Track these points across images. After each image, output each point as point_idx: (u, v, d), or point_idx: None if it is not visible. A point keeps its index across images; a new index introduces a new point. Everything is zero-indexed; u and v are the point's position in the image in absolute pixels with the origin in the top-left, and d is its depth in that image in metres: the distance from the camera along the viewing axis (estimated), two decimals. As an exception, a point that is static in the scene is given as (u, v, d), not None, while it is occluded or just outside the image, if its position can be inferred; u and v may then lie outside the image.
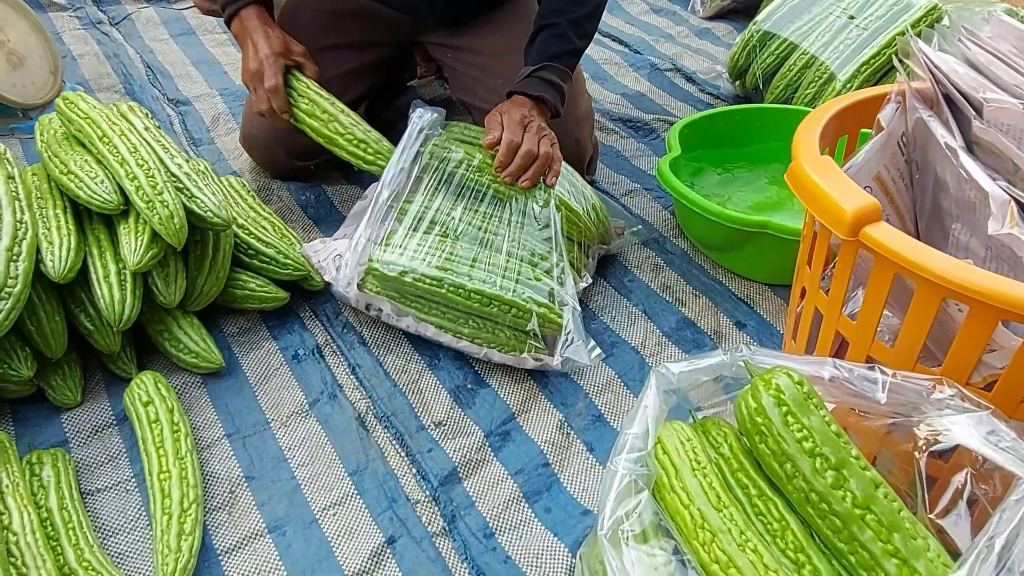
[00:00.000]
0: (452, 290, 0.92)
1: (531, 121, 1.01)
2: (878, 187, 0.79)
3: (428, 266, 0.92)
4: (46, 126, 1.02)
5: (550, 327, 0.94)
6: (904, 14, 1.40)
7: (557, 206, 1.00)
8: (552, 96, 1.05)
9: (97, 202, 0.89)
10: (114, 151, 0.91)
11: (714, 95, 1.65)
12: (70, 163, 0.92)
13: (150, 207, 0.87)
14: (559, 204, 1.01)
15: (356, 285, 0.95)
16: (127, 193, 0.89)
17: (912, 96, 0.78)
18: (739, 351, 0.59)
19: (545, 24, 1.08)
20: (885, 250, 0.61)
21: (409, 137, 0.99)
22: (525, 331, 0.93)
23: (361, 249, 0.94)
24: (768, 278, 1.14)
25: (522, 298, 0.93)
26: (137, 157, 0.91)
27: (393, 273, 0.92)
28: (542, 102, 1.05)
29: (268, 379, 0.97)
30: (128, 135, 0.93)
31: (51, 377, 0.91)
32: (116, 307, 0.87)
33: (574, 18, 1.07)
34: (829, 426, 0.53)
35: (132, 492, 0.84)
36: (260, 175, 1.30)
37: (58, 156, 0.94)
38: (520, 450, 0.90)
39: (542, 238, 0.99)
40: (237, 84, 1.58)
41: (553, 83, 1.06)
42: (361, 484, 0.85)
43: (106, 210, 0.89)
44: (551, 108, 1.06)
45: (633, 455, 0.53)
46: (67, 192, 0.92)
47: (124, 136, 0.93)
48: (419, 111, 1.02)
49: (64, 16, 1.79)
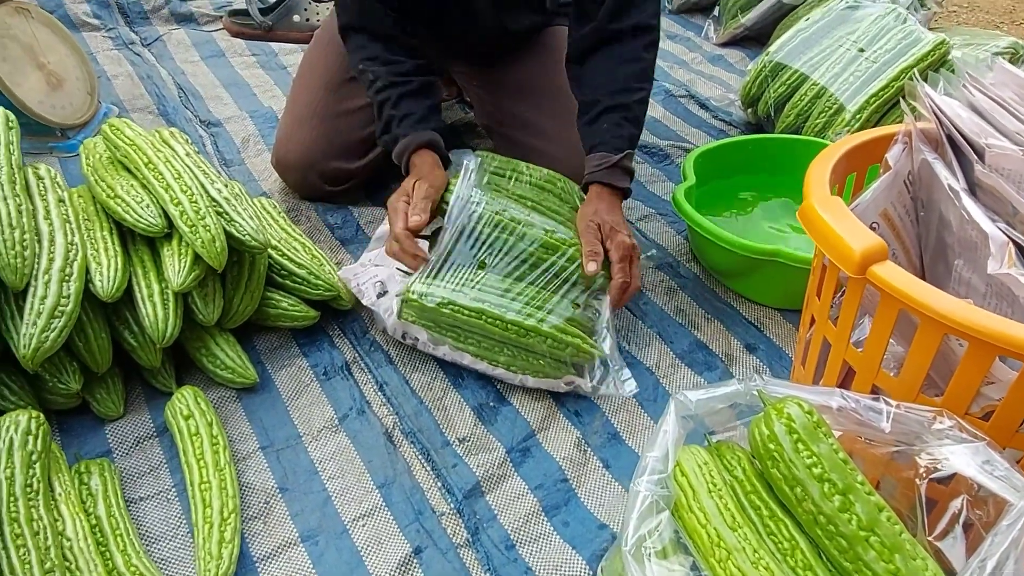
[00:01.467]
0: (490, 321, 0.96)
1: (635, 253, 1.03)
2: (885, 223, 0.83)
3: (466, 298, 0.97)
4: (91, 150, 1.07)
5: (584, 356, 0.99)
6: (912, 48, 1.44)
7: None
8: (630, 185, 1.09)
9: (143, 226, 0.94)
10: (159, 177, 0.97)
11: (727, 122, 1.70)
12: (117, 188, 0.97)
13: (193, 231, 0.92)
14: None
15: (395, 314, 0.99)
16: (171, 217, 0.94)
17: (918, 137, 0.82)
18: (753, 381, 0.63)
19: (614, 104, 1.07)
20: (891, 288, 0.65)
21: (464, 179, 1.03)
22: (559, 360, 0.98)
23: (400, 280, 0.99)
24: (778, 303, 1.18)
25: (557, 329, 0.97)
26: (181, 183, 0.96)
27: (432, 304, 0.97)
28: (624, 192, 1.09)
29: (299, 395, 1.02)
30: (172, 162, 0.99)
31: (96, 390, 0.95)
32: (160, 325, 0.92)
33: (643, 97, 1.09)
34: (837, 453, 0.57)
35: (173, 501, 0.88)
36: (289, 196, 1.36)
37: (105, 180, 0.99)
38: (540, 466, 0.94)
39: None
40: (266, 106, 1.64)
41: (631, 171, 1.09)
42: (389, 496, 0.89)
43: (151, 233, 0.94)
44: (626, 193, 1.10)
45: (654, 477, 0.57)
46: (114, 215, 0.97)
47: (168, 163, 0.98)
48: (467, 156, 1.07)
49: (98, 36, 1.85)
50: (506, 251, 1.01)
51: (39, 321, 0.85)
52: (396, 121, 1.10)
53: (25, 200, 0.91)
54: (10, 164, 0.92)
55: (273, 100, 1.66)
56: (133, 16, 1.93)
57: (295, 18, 1.63)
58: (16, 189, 0.90)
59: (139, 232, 0.95)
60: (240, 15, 1.61)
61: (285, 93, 1.69)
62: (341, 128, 1.28)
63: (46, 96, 1.42)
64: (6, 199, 0.88)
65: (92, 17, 1.89)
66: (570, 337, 0.97)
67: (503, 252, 1.01)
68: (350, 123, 1.29)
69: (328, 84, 1.28)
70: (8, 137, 0.94)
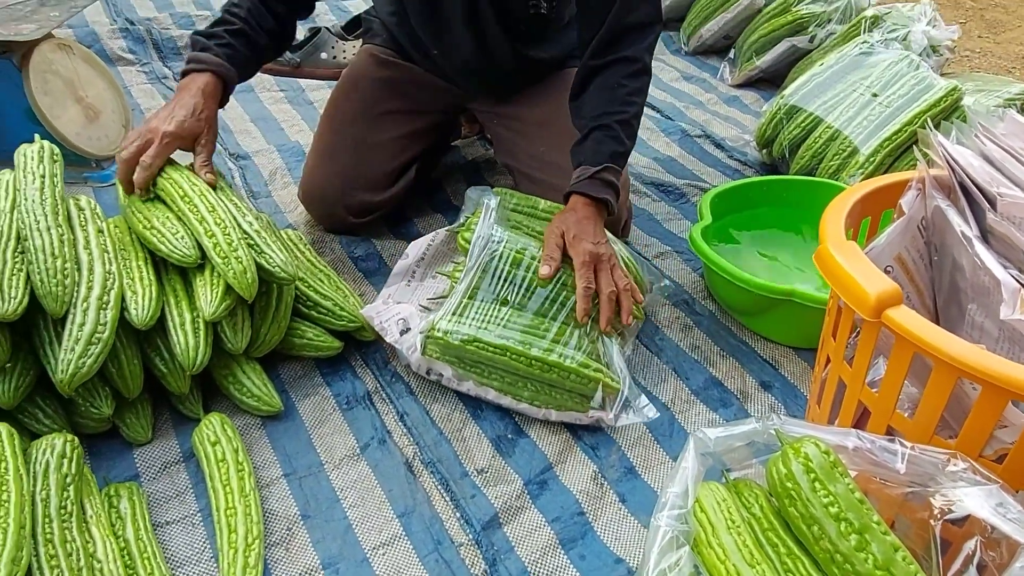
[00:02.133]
0: (515, 357, 0.98)
1: (600, 259, 1.03)
2: (899, 267, 0.86)
3: (491, 334, 0.99)
4: None
5: (607, 390, 1.01)
6: (925, 94, 1.48)
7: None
8: (612, 197, 1.10)
9: (177, 256, 0.97)
10: (194, 210, 1.00)
11: (742, 161, 1.73)
12: (153, 219, 1.01)
13: (226, 263, 0.96)
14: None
15: (419, 351, 1.02)
16: (204, 248, 0.98)
17: (931, 184, 0.85)
18: (770, 420, 0.65)
19: (597, 125, 1.12)
20: (905, 332, 0.67)
21: (485, 218, 1.06)
22: (582, 394, 1.00)
23: (422, 317, 1.02)
24: (793, 342, 1.20)
25: (580, 364, 0.99)
26: (215, 216, 0.99)
27: (456, 341, 0.99)
28: (603, 204, 1.10)
29: (322, 423, 1.04)
30: (206, 195, 1.02)
31: (126, 415, 0.98)
32: (191, 353, 0.95)
33: (624, 119, 1.12)
34: (853, 493, 0.59)
35: (198, 526, 0.90)
36: (314, 228, 1.39)
37: (142, 212, 1.03)
38: (557, 499, 0.95)
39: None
40: (293, 140, 1.68)
41: (612, 184, 1.11)
42: (409, 526, 0.91)
43: (185, 264, 0.98)
44: (610, 209, 1.11)
45: (674, 512, 0.59)
46: (149, 245, 1.00)
47: (203, 196, 1.02)
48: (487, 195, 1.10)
49: (132, 71, 1.92)
50: (527, 288, 1.03)
51: (77, 347, 0.88)
52: (217, 39, 1.11)
53: (67, 230, 0.95)
54: (54, 196, 0.96)
55: (300, 134, 1.71)
56: (166, 52, 2.00)
57: (322, 55, 1.68)
58: (59, 220, 0.94)
59: (173, 262, 0.98)
60: (270, 52, 1.66)
61: (312, 128, 1.73)
62: (366, 161, 1.32)
63: (83, 128, 1.47)
64: (49, 229, 0.92)
65: (128, 52, 1.96)
66: (592, 371, 0.99)
67: (524, 289, 1.04)
68: (375, 157, 1.33)
69: (355, 119, 1.33)
70: (52, 170, 0.99)
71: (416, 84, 1.34)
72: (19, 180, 0.97)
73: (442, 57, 1.30)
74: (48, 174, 0.98)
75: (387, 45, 1.36)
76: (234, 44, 1.12)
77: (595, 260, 1.03)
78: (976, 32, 2.77)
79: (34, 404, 0.93)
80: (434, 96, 1.36)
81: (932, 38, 1.81)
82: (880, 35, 1.70)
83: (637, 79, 1.15)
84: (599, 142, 1.12)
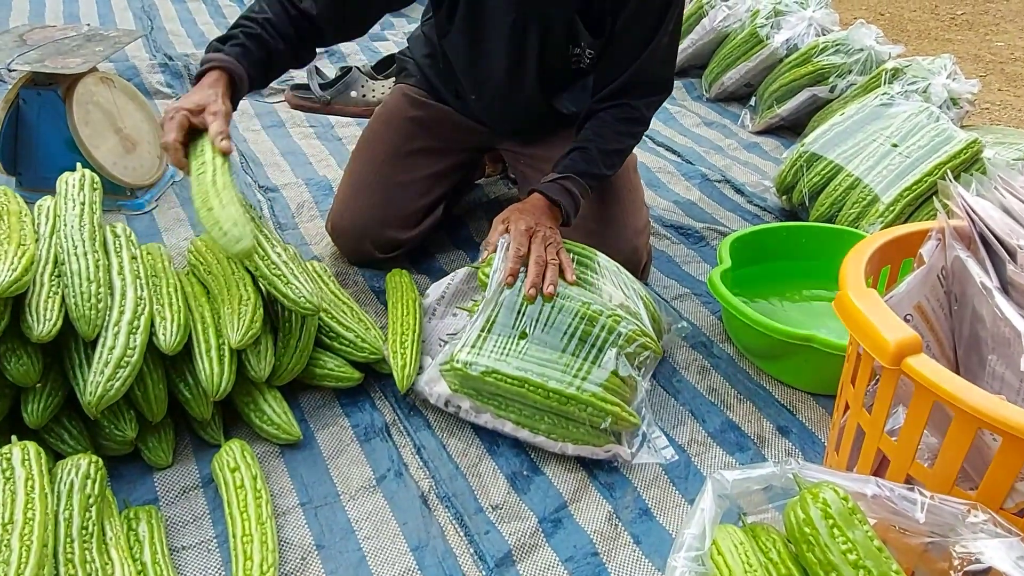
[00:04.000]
0: (532, 389, 0.99)
1: (537, 231, 1.09)
2: (919, 316, 0.86)
3: (510, 366, 1.00)
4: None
5: (624, 425, 1.01)
6: (945, 145, 1.49)
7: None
8: (568, 204, 1.15)
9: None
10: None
11: (761, 207, 1.75)
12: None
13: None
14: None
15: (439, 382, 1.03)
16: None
17: (951, 235, 0.86)
18: (788, 464, 0.65)
19: (579, 146, 1.19)
20: (925, 381, 0.67)
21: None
22: (599, 428, 1.00)
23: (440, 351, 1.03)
24: (811, 387, 1.20)
25: (597, 397, 1.00)
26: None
27: (476, 373, 1.00)
28: (557, 206, 1.14)
29: (340, 453, 1.05)
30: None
31: (148, 439, 1.00)
32: (215, 379, 0.97)
33: (606, 149, 1.19)
34: (872, 540, 0.59)
35: (213, 552, 0.91)
36: (338, 260, 1.42)
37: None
38: (571, 538, 0.95)
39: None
40: (321, 175, 1.72)
41: (572, 193, 1.16)
42: (422, 560, 0.91)
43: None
44: (564, 214, 1.16)
45: (691, 554, 0.59)
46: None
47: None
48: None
49: (169, 103, 1.97)
50: (546, 321, 1.05)
51: (106, 370, 0.90)
52: (232, 42, 1.11)
53: (102, 256, 0.97)
54: (92, 222, 0.99)
55: (328, 169, 1.76)
56: (202, 86, 2.06)
57: (352, 94, 1.73)
58: (96, 245, 0.97)
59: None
60: (301, 89, 1.71)
61: (340, 163, 1.78)
62: (396, 199, 1.35)
63: (120, 158, 1.52)
64: (86, 255, 0.95)
65: (165, 86, 2.03)
66: (610, 405, 1.00)
67: (543, 323, 1.05)
68: (405, 194, 1.36)
69: (386, 158, 1.36)
70: (92, 197, 1.02)
71: (447, 124, 1.38)
72: (60, 206, 1.00)
73: (478, 102, 1.34)
74: (88, 201, 1.01)
75: (420, 85, 1.41)
76: (247, 45, 1.11)
77: (532, 233, 1.08)
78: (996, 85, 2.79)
79: (60, 425, 0.95)
80: (464, 136, 1.39)
81: (952, 91, 1.83)
82: (900, 87, 1.73)
83: (631, 124, 1.22)
84: (574, 160, 1.18)
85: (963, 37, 3.30)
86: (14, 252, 0.88)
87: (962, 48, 3.14)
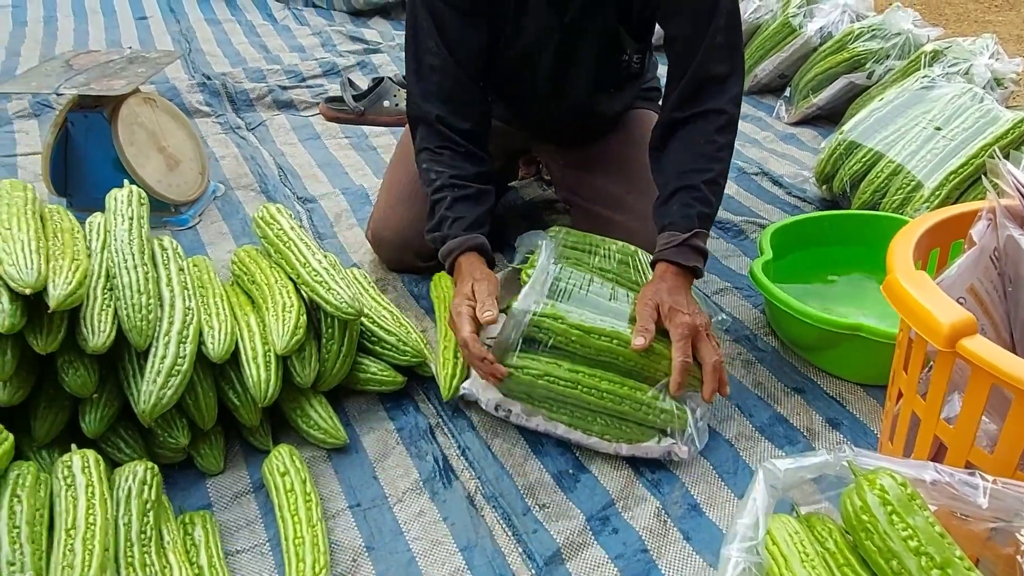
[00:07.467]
0: (586, 391, 0.99)
1: (697, 330, 0.99)
2: (972, 299, 0.83)
3: (562, 369, 1.00)
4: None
5: (678, 422, 1.00)
6: (991, 126, 1.45)
7: None
8: (701, 264, 1.06)
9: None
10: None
11: (800, 198, 1.72)
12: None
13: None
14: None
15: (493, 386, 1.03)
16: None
17: (1002, 214, 0.83)
18: (842, 452, 0.64)
19: (683, 186, 1.08)
20: (982, 362, 0.65)
21: (546, 258, 1.06)
22: (652, 427, 1.00)
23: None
24: (860, 378, 1.17)
25: (652, 395, 0.99)
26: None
27: (528, 377, 1.00)
28: (692, 271, 1.06)
29: (386, 456, 1.05)
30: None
31: (200, 446, 1.02)
32: (262, 386, 0.98)
33: (711, 178, 1.09)
34: (933, 526, 0.57)
35: (267, 555, 0.92)
36: (377, 267, 1.44)
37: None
38: (620, 535, 0.94)
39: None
40: (358, 184, 1.75)
41: (702, 250, 1.07)
42: (471, 560, 0.91)
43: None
44: (697, 274, 1.07)
45: (745, 544, 0.58)
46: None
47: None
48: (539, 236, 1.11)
49: (208, 121, 2.03)
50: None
51: (158, 379, 0.92)
52: (448, 222, 1.12)
53: (151, 268, 1.00)
54: (140, 236, 1.02)
55: (364, 178, 1.78)
56: (240, 104, 2.11)
57: (385, 103, 1.75)
58: (144, 258, 1.00)
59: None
60: (335, 101, 1.74)
61: (375, 172, 1.80)
62: None
63: (164, 176, 1.56)
64: (136, 267, 0.97)
65: (204, 105, 2.09)
66: (663, 403, 0.99)
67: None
68: None
69: None
70: (140, 212, 1.05)
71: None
72: (109, 222, 1.03)
73: (523, 108, 1.33)
74: (136, 216, 1.04)
75: None
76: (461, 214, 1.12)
77: (693, 332, 0.99)
78: (1042, 65, 2.70)
79: (116, 434, 0.98)
80: (500, 141, 1.39)
81: (996, 71, 1.78)
82: (941, 69, 1.68)
83: (724, 134, 1.11)
84: (686, 204, 1.07)
85: (1004, 18, 3.20)
86: (68, 267, 0.91)
87: (1003, 29, 3.05)
